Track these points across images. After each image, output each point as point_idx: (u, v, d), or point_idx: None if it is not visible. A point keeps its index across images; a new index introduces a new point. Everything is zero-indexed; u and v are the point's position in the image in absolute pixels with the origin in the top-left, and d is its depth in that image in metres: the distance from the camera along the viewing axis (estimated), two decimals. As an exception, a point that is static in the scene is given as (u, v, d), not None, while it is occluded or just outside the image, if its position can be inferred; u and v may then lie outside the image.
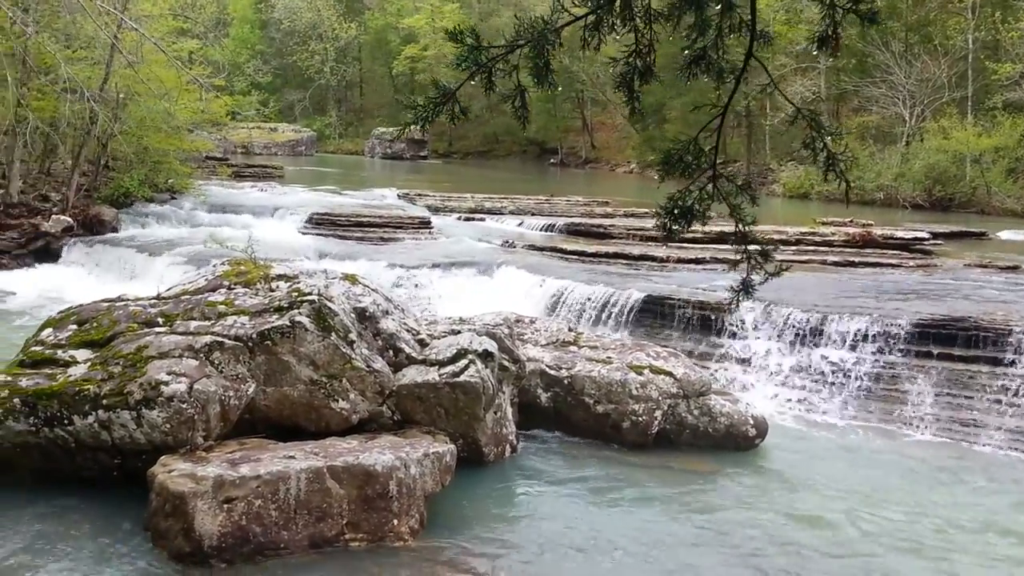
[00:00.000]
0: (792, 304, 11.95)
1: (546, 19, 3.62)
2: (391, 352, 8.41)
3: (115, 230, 19.02)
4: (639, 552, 7.04)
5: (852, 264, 16.09)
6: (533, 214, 22.75)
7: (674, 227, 4.17)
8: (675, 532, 7.42)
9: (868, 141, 34.80)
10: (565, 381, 9.54)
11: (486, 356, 8.34)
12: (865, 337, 11.26)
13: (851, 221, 20.67)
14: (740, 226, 4.27)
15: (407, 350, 8.45)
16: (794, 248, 16.02)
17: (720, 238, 17.33)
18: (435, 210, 22.84)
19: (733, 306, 4.96)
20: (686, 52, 3.83)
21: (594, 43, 3.71)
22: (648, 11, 3.68)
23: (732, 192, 4.19)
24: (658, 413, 9.35)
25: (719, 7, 3.64)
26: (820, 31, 3.77)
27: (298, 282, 8.43)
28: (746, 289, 4.48)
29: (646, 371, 9.58)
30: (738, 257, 4.46)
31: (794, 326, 11.65)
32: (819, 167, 4.06)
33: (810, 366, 11.39)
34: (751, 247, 4.38)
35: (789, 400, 11.16)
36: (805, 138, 3.97)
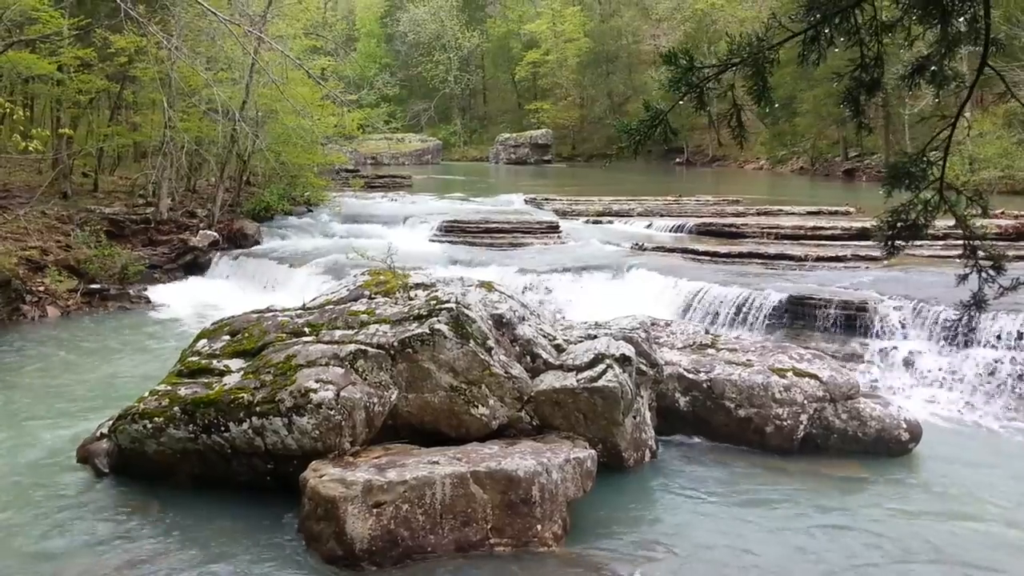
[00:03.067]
0: (942, 301, 11.35)
1: (761, 36, 3.51)
2: (528, 358, 8.42)
3: (257, 243, 19.87)
4: (788, 562, 6.79)
5: (1006, 258, 15.10)
6: (661, 215, 22.47)
7: (898, 243, 4.01)
8: (826, 541, 7.11)
9: (1016, 128, 32.71)
10: (704, 385, 9.33)
11: (624, 360, 8.25)
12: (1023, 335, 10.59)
13: (1002, 212, 19.46)
14: (968, 238, 4.07)
15: (544, 356, 8.45)
16: (942, 243, 15.18)
17: (861, 234, 16.64)
18: (562, 214, 22.85)
19: (963, 322, 4.78)
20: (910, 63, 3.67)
21: (813, 58, 3.59)
22: (875, 23, 3.52)
23: (958, 202, 4.00)
24: (803, 417, 9.02)
25: (963, 20, 3.47)
26: None
27: (435, 290, 8.55)
28: (978, 304, 4.26)
29: (789, 374, 9.28)
30: (966, 270, 4.25)
31: (946, 324, 11.05)
32: None
33: (964, 367, 10.77)
34: (983, 260, 4.17)
35: (942, 403, 10.57)
36: None
